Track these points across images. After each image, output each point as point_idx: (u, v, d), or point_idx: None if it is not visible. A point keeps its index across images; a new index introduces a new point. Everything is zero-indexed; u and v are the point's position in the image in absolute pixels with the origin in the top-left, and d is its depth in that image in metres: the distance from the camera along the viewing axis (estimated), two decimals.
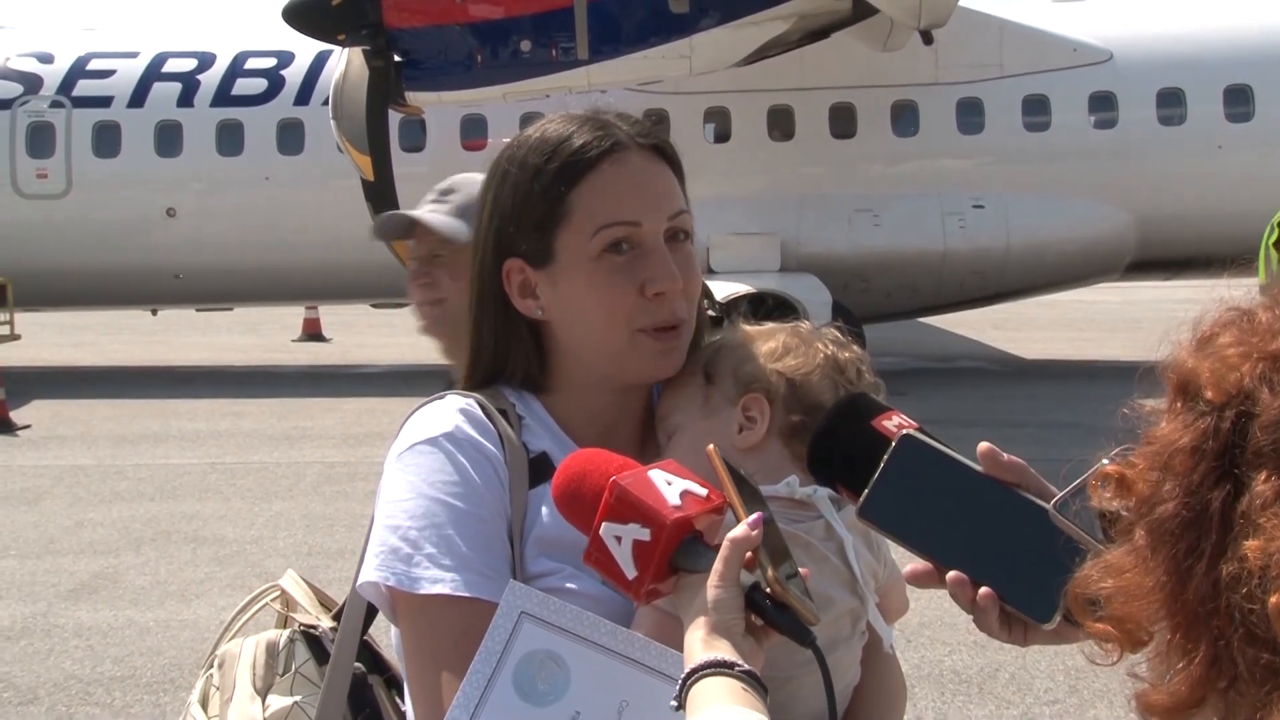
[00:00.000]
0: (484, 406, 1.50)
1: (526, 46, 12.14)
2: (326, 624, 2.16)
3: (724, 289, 12.36)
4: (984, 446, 1.26)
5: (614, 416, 1.56)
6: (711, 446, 1.30)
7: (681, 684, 1.18)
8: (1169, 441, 0.85)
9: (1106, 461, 0.91)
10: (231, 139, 14.82)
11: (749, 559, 1.23)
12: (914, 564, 1.26)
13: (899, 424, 1.36)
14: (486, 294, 1.56)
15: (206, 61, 15.12)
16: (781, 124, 14.50)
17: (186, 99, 14.91)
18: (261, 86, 14.96)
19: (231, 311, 15.68)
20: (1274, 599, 0.76)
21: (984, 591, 1.21)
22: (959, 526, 1.24)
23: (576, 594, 1.39)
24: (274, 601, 2.27)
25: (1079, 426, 9.29)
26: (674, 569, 1.26)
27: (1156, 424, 0.88)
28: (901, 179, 14.39)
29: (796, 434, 1.49)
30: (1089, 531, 1.07)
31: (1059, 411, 11.04)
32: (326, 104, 13.85)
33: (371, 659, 2.12)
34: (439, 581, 1.39)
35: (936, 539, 1.24)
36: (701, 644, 1.19)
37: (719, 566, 1.22)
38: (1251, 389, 0.83)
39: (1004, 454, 1.26)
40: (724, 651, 1.18)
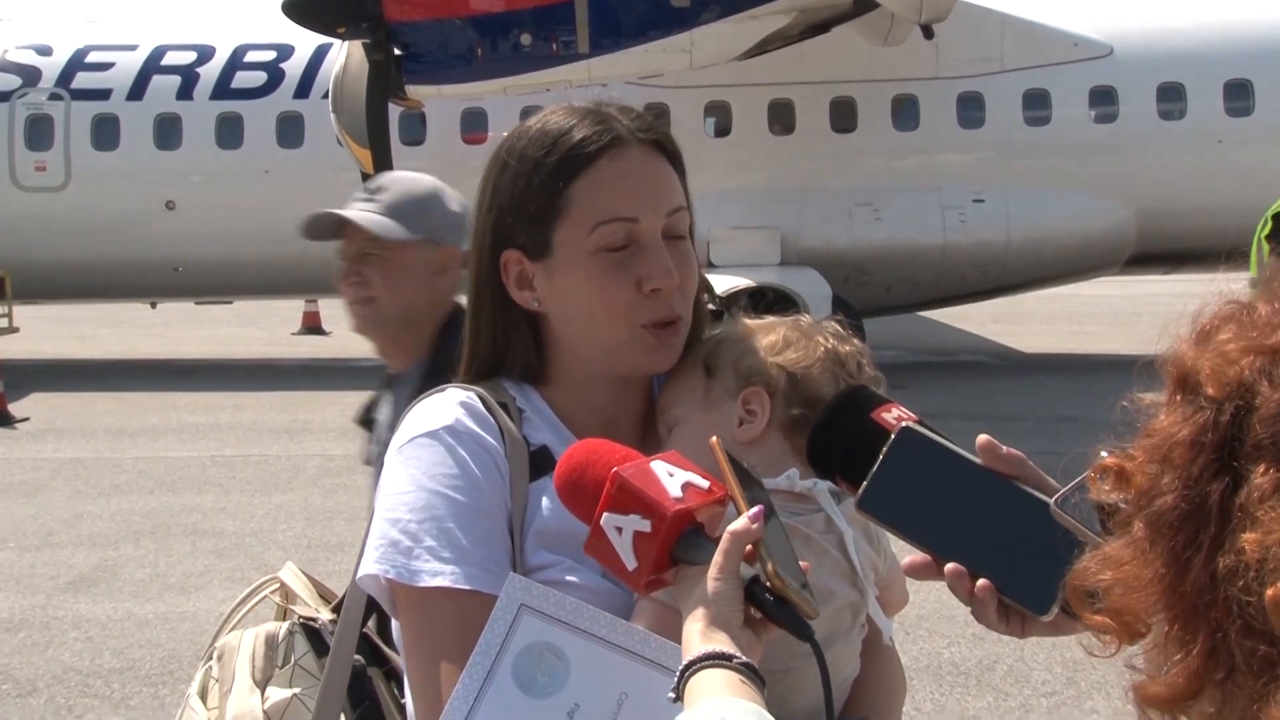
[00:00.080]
0: (484, 399, 1.50)
1: (527, 40, 12.13)
2: (326, 616, 2.17)
3: (724, 283, 12.36)
4: (983, 439, 1.26)
5: (614, 409, 1.56)
6: (715, 439, 1.30)
7: (679, 676, 1.18)
8: (1168, 434, 0.85)
9: (1105, 454, 0.91)
10: (231, 132, 14.80)
11: (749, 552, 1.23)
12: (912, 556, 1.26)
13: (898, 416, 1.36)
14: (483, 285, 1.56)
15: (206, 54, 15.10)
16: (782, 118, 14.49)
17: (186, 92, 14.90)
18: (261, 79, 14.94)
19: (231, 305, 15.66)
20: (1270, 591, 0.76)
21: (982, 583, 1.21)
22: (957, 519, 1.24)
23: (576, 587, 1.39)
24: (273, 594, 2.28)
25: (1079, 420, 9.30)
26: (674, 560, 1.26)
27: (1156, 417, 0.88)
28: (902, 173, 14.38)
29: (797, 427, 1.49)
30: (1087, 525, 1.07)
31: (1059, 405, 11.04)
32: (326, 97, 13.85)
33: (371, 651, 2.12)
34: (439, 574, 1.39)
35: (935, 531, 1.25)
36: (700, 636, 1.19)
37: (718, 559, 1.22)
38: (1251, 382, 0.83)
39: (1003, 446, 1.26)
40: (722, 644, 1.18)
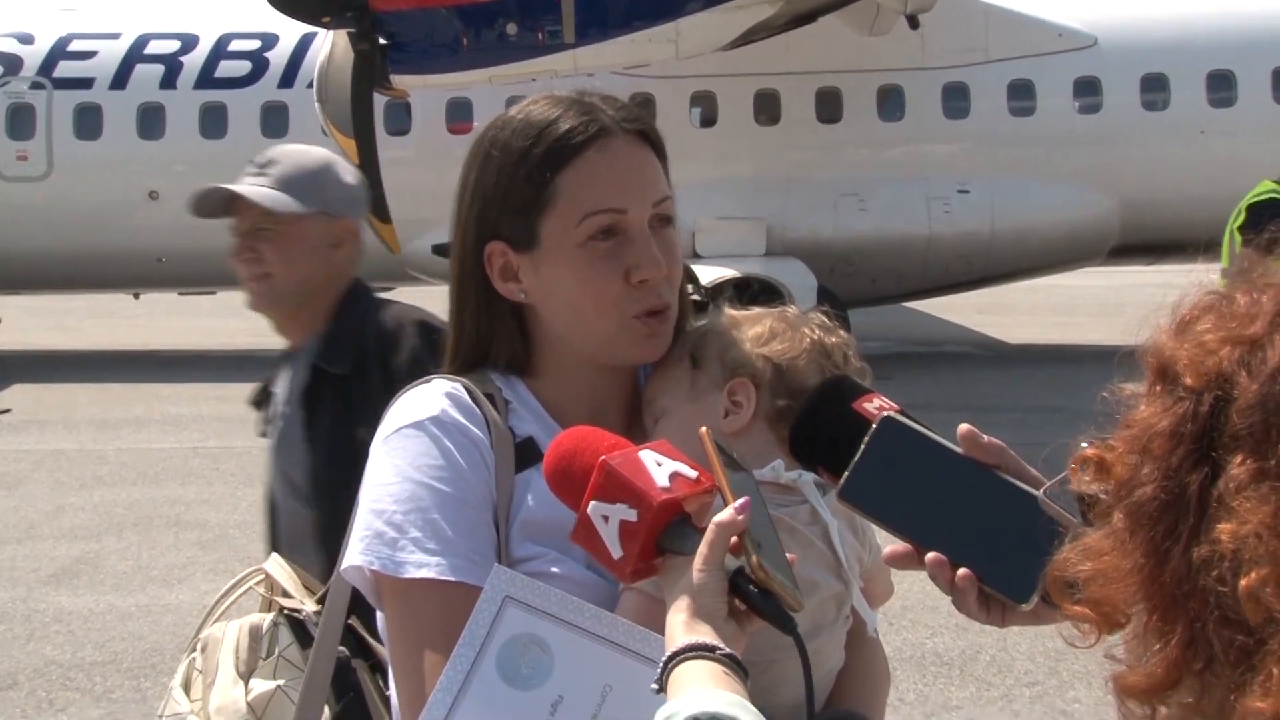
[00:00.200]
0: (470, 390, 1.50)
1: (512, 30, 12.07)
2: (310, 608, 2.16)
3: (709, 273, 12.35)
4: (964, 428, 1.26)
5: (601, 400, 1.56)
6: (704, 429, 1.30)
7: (663, 667, 1.18)
8: (1148, 425, 0.86)
9: (1085, 445, 0.91)
10: (215, 122, 14.70)
11: (734, 543, 1.23)
12: (893, 545, 1.27)
13: (880, 406, 1.36)
14: (467, 276, 1.55)
15: (190, 43, 14.99)
16: (767, 108, 14.48)
17: (169, 81, 14.78)
18: (245, 69, 14.84)
19: (215, 295, 15.56)
20: (1244, 581, 0.77)
21: (962, 572, 1.21)
22: (939, 508, 1.25)
23: (561, 578, 1.39)
24: (258, 585, 2.27)
25: (1062, 410, 9.30)
26: (661, 550, 1.26)
27: (1136, 408, 0.88)
28: (887, 163, 14.39)
29: (783, 418, 1.49)
30: (1074, 515, 1.07)
31: (1043, 395, 11.09)
32: (311, 87, 13.77)
33: (356, 643, 2.12)
34: (424, 566, 1.39)
35: (916, 520, 1.25)
36: (683, 627, 1.19)
37: (703, 550, 1.22)
38: (1229, 373, 0.83)
39: (984, 436, 1.26)
40: (705, 635, 1.18)
